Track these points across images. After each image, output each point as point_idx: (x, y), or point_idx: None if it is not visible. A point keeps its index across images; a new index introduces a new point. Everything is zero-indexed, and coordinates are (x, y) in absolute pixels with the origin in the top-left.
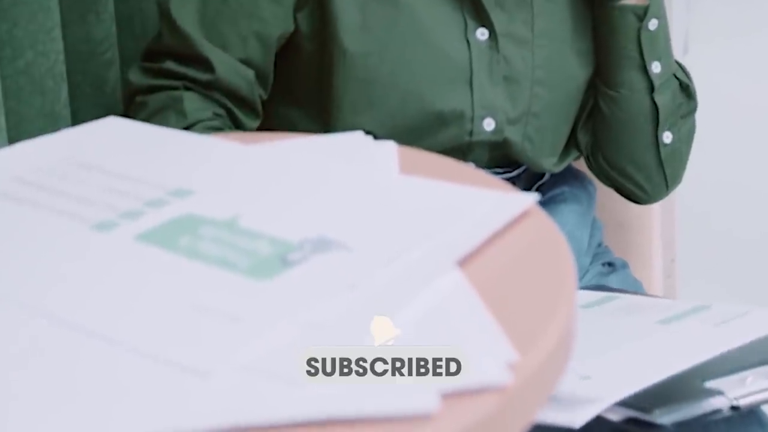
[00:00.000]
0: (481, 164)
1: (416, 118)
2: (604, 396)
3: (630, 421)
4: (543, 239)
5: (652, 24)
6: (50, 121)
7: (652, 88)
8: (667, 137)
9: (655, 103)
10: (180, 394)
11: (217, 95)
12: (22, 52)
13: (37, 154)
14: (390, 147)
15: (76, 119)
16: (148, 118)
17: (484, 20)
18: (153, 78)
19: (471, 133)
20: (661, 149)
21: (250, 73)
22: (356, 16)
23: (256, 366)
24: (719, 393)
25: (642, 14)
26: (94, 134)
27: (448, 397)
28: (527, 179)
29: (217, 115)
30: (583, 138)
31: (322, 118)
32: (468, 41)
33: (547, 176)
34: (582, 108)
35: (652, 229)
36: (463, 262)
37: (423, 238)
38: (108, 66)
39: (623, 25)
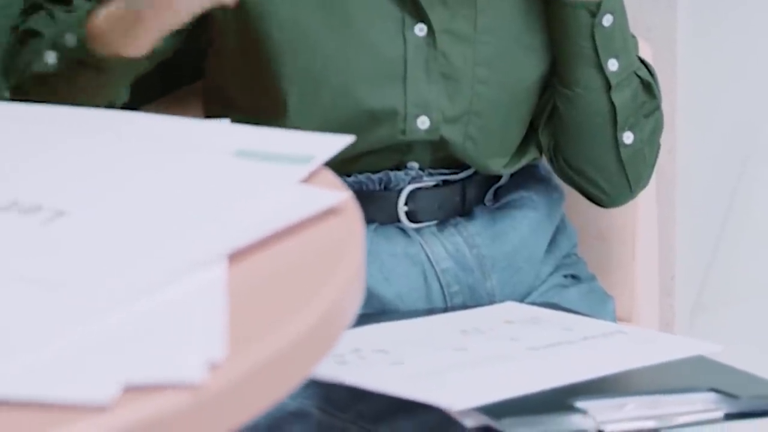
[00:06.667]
0: (424, 165)
1: (347, 116)
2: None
3: (483, 429)
4: (336, 242)
5: (607, 20)
6: None
7: (608, 87)
8: (627, 137)
9: (612, 103)
10: None
11: None
12: None
13: None
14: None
15: None
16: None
17: (423, 16)
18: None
19: (404, 132)
20: (622, 150)
21: None
22: (288, 10)
23: None
24: (584, 413)
25: (595, 10)
26: None
27: (132, 389)
28: (481, 182)
29: None
30: (544, 139)
31: (261, 120)
32: (405, 37)
33: (504, 179)
34: (542, 108)
35: (636, 243)
36: (243, 253)
37: (196, 223)
38: None
39: (575, 21)
